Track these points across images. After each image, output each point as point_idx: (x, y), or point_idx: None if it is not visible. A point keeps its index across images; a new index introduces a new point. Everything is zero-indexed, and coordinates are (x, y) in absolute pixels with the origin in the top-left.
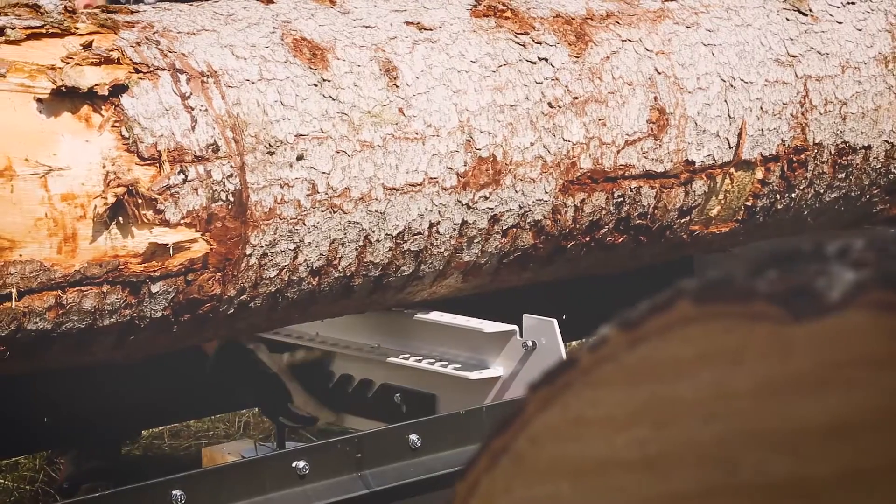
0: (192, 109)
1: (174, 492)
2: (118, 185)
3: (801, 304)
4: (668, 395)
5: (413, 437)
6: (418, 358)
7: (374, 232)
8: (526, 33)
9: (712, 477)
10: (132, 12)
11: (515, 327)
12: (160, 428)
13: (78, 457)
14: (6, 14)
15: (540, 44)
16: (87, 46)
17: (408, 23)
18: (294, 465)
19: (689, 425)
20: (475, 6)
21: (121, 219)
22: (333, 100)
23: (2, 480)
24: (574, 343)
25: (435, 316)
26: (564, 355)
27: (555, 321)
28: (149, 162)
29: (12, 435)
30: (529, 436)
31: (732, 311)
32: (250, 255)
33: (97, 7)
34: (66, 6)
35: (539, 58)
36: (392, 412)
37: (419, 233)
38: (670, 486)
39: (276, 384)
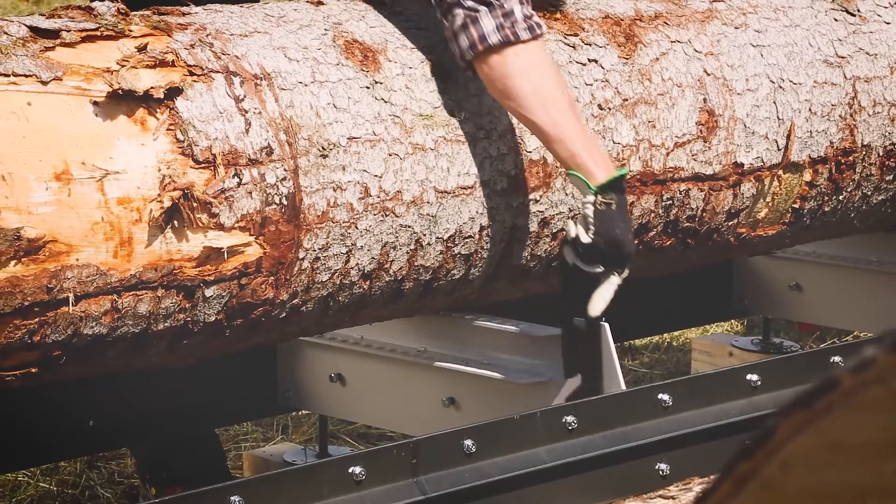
0: (246, 112)
1: (232, 497)
2: (174, 189)
3: None
4: None
5: (468, 442)
6: (466, 362)
7: (425, 235)
8: (575, 34)
9: None
10: (184, 14)
11: None
12: None
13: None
14: (60, 16)
15: (590, 45)
16: (142, 49)
17: None
18: (350, 470)
19: None
20: None
21: (176, 223)
22: (385, 102)
23: (47, 485)
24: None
25: (483, 319)
26: (616, 360)
27: (607, 325)
28: (203, 165)
29: (53, 438)
30: (781, 461)
31: None
32: (303, 258)
33: (149, 9)
34: (118, 8)
35: (589, 59)
36: None
37: (470, 236)
38: None
39: None
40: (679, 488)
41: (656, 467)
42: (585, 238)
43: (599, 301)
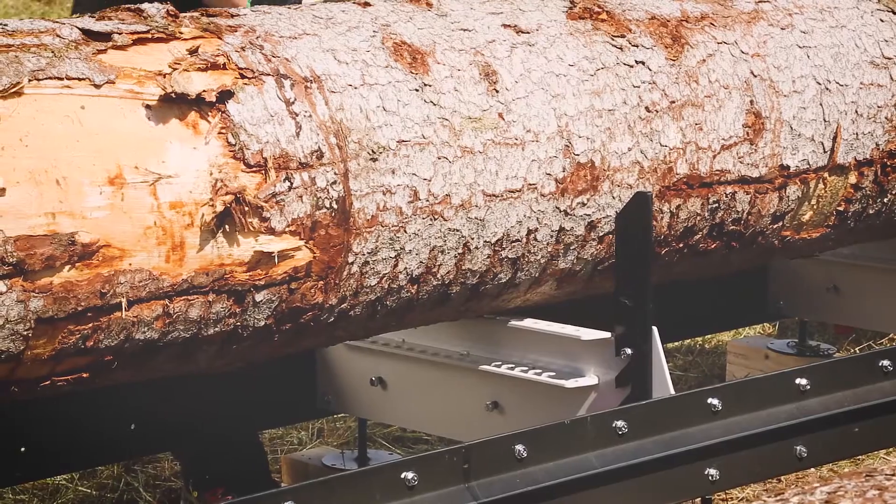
0: (297, 115)
1: (285, 503)
2: (226, 193)
3: None
4: None
5: (519, 447)
6: (510, 365)
7: (473, 239)
8: (622, 35)
9: None
10: (233, 16)
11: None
12: None
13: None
14: (110, 18)
15: (637, 46)
16: (194, 52)
17: (505, 25)
18: (403, 476)
19: None
20: (571, 8)
21: (227, 227)
22: (434, 105)
23: (86, 489)
24: None
25: (529, 323)
26: (664, 364)
27: (654, 328)
28: (255, 169)
29: (95, 442)
30: None
31: None
32: (352, 263)
33: (197, 10)
34: (168, 10)
35: (636, 61)
36: None
37: (517, 240)
38: None
39: None
40: (776, 499)
41: (706, 472)
42: None
43: None
